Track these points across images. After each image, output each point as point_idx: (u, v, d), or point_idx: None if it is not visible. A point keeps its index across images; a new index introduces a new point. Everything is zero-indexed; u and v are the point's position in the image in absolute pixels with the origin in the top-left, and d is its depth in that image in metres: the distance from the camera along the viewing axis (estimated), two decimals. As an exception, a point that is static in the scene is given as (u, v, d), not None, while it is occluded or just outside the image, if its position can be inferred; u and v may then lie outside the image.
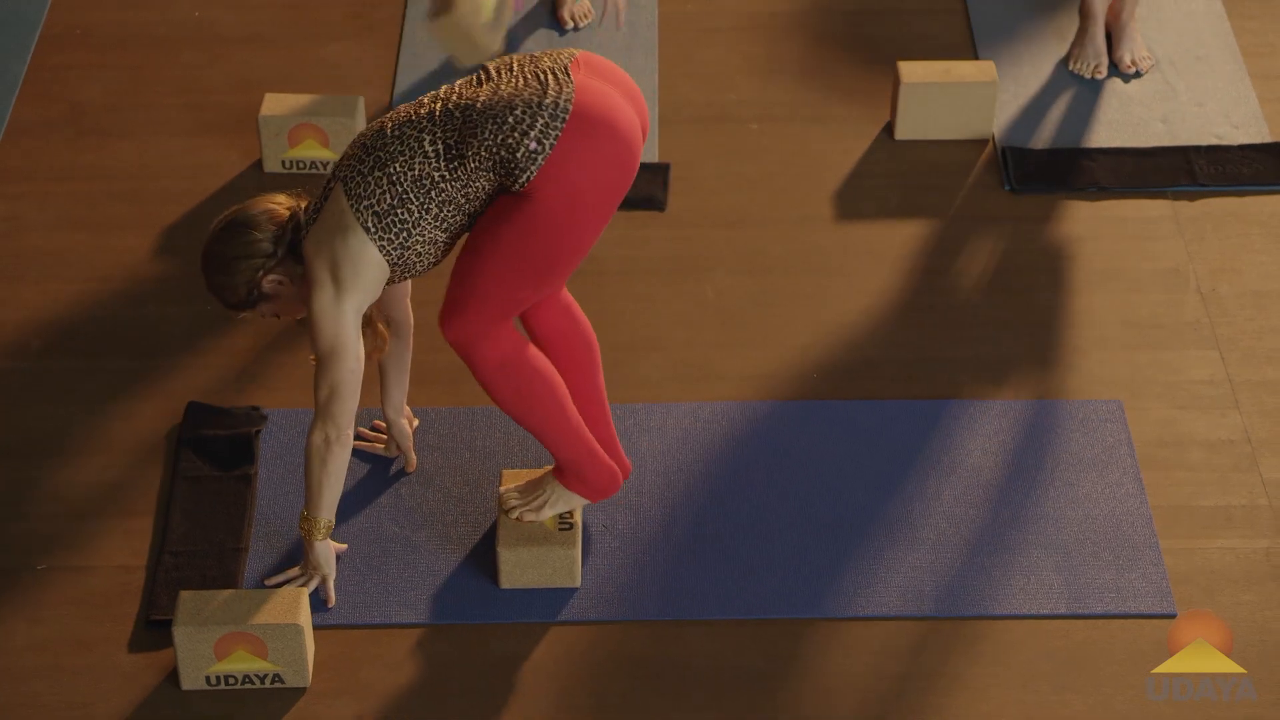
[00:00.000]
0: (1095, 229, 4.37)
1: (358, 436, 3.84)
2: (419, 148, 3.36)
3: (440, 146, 3.36)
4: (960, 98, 4.55)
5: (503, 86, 3.37)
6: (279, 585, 3.58)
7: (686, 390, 4.00)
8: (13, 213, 4.42)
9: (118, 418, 3.93)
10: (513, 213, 3.37)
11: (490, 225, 3.40)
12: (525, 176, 3.32)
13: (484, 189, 3.38)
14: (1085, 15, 4.75)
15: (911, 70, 4.57)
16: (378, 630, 3.56)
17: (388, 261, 3.40)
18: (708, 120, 4.68)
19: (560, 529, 3.62)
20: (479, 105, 3.35)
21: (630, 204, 4.43)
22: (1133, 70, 4.77)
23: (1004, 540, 3.70)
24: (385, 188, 3.37)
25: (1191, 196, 4.45)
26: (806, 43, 4.89)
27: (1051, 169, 4.51)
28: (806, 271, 4.29)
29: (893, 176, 4.52)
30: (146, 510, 3.76)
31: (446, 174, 3.36)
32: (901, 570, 3.66)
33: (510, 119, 3.32)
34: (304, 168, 4.49)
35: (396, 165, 3.36)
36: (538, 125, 3.31)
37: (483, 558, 3.67)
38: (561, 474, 3.63)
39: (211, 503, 3.75)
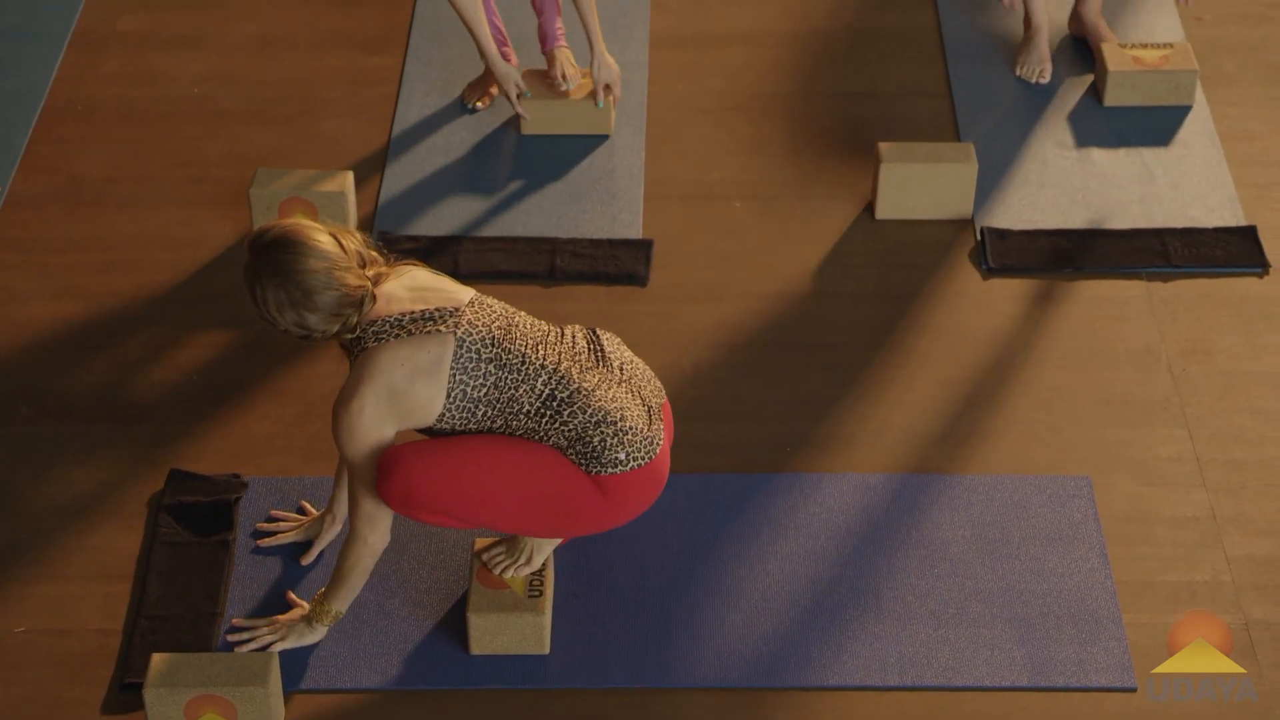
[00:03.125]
0: (1070, 308, 4.44)
1: (271, 519, 3.94)
2: (533, 380, 3.52)
3: (545, 394, 3.53)
4: (940, 179, 4.63)
5: (614, 388, 3.57)
6: (244, 639, 3.66)
7: (661, 462, 4.07)
8: (8, 282, 4.52)
9: (101, 483, 4.01)
10: (564, 473, 3.54)
11: (531, 458, 3.53)
12: (597, 470, 3.54)
13: (553, 444, 3.55)
14: (1028, 25, 5.04)
15: (892, 151, 4.65)
16: (348, 695, 3.62)
17: (434, 420, 3.52)
18: (692, 198, 4.77)
19: (530, 595, 3.68)
20: (595, 393, 3.54)
21: (612, 279, 4.51)
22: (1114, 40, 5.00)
23: (968, 613, 3.75)
24: (489, 384, 3.51)
25: (1165, 277, 4.52)
26: (791, 123, 4.98)
27: (1028, 249, 4.58)
28: (784, 347, 4.36)
29: (872, 255, 4.60)
30: (126, 575, 3.83)
31: (535, 418, 3.54)
32: (866, 640, 3.71)
33: (615, 426, 3.53)
34: (294, 241, 4.58)
35: (509, 376, 3.51)
36: (631, 446, 3.54)
37: (454, 624, 3.73)
38: None
39: (189, 568, 3.82)
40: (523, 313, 3.63)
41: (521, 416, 3.53)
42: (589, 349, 3.61)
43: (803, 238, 4.65)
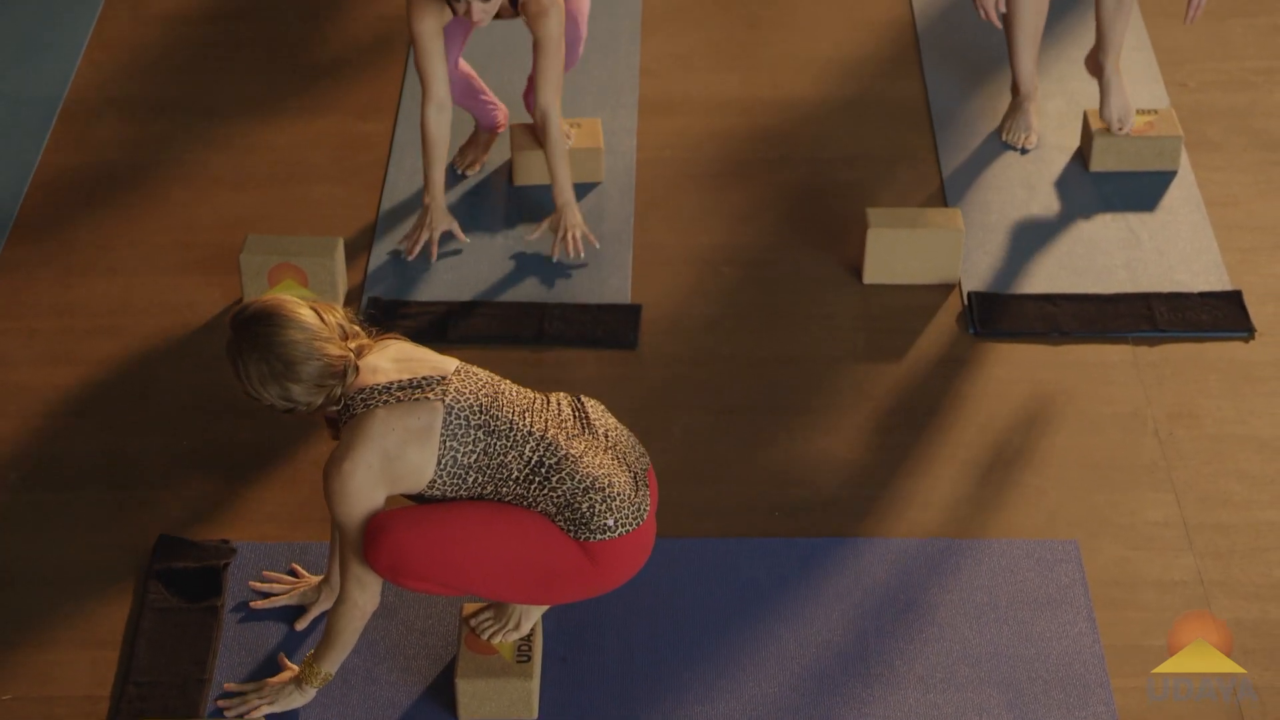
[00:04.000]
0: (1057, 373, 4.46)
1: (265, 580, 3.94)
2: (521, 447, 3.54)
3: (534, 461, 3.54)
4: (927, 244, 4.65)
5: (601, 457, 3.58)
6: (234, 705, 3.66)
7: (650, 527, 4.07)
8: (-2, 348, 4.55)
9: (90, 549, 4.01)
10: (551, 540, 3.54)
11: (518, 527, 3.54)
12: (585, 536, 3.54)
13: (542, 510, 3.55)
14: (1015, 91, 5.05)
15: (880, 216, 4.68)
16: (336, 761, 3.61)
17: (424, 486, 3.53)
18: (680, 263, 4.79)
19: (518, 660, 3.68)
20: (582, 461, 3.55)
21: (601, 343, 4.53)
22: (1122, 130, 4.91)
23: (956, 677, 3.75)
24: (479, 450, 3.52)
25: (1152, 342, 4.54)
26: (779, 189, 5.01)
27: (1015, 314, 4.60)
28: (772, 411, 4.37)
29: (860, 319, 4.62)
30: (114, 641, 3.82)
31: (524, 485, 3.55)
32: (854, 705, 3.71)
33: (602, 493, 3.54)
34: (284, 306, 4.60)
35: (498, 443, 3.53)
36: (620, 513, 3.55)
37: (442, 690, 3.72)
38: None
39: (177, 634, 3.81)
40: (507, 381, 3.65)
41: (510, 483, 3.54)
42: (574, 416, 3.63)
43: (791, 302, 4.67)
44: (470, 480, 3.53)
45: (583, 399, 3.68)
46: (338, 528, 3.57)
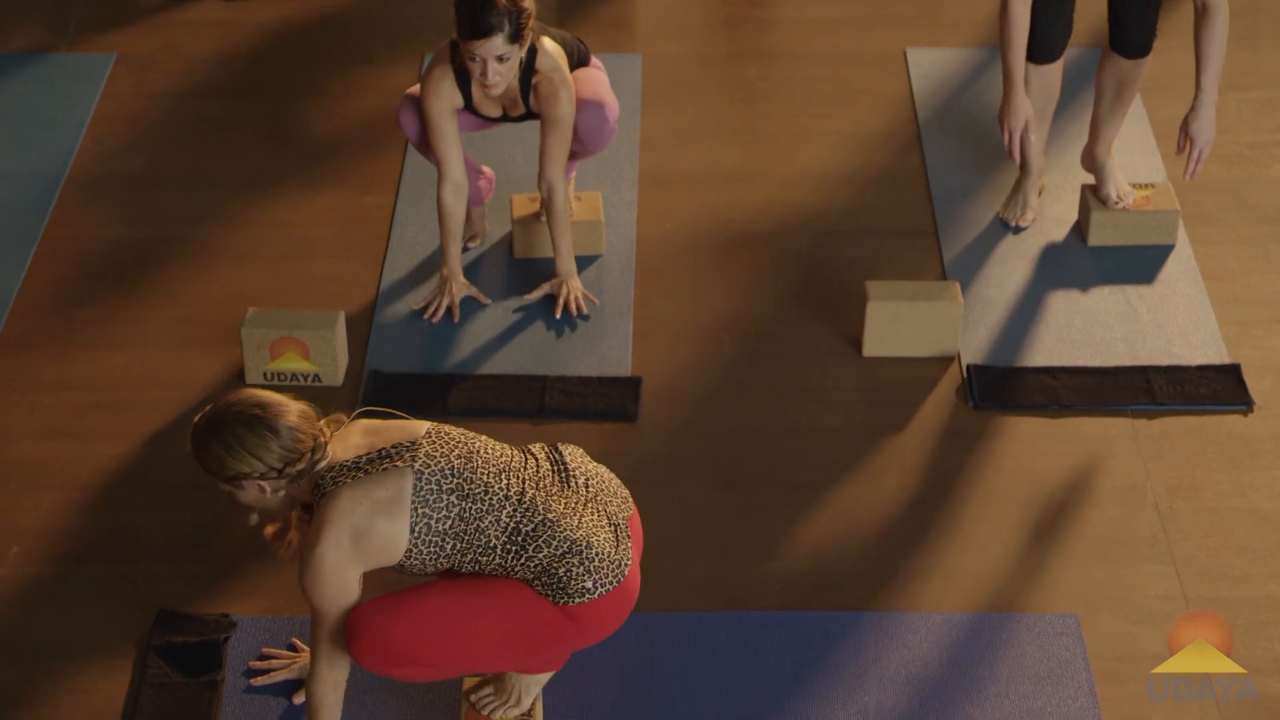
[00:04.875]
0: (1056, 445, 4.47)
1: (264, 657, 3.93)
2: (498, 511, 3.53)
3: (512, 528, 3.53)
4: (926, 317, 4.67)
5: (581, 514, 3.57)
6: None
7: (650, 600, 4.06)
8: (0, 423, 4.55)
9: (89, 624, 4.01)
10: (530, 606, 3.53)
11: (497, 598, 3.53)
12: (565, 601, 3.53)
13: (521, 577, 3.55)
14: (1022, 169, 5.06)
15: (879, 290, 4.70)
16: (335, 837, 3.60)
17: (402, 563, 3.53)
18: (680, 335, 4.81)
19: (518, 737, 3.68)
20: (560, 523, 3.54)
21: (601, 416, 4.54)
22: (1120, 205, 4.96)
23: (957, 753, 3.75)
24: (453, 516, 3.51)
25: (1150, 415, 4.55)
26: (778, 261, 5.03)
27: (1014, 386, 4.61)
28: (772, 483, 4.38)
29: (859, 392, 4.63)
30: (113, 716, 3.81)
31: (501, 552, 3.54)
32: (855, 782, 3.70)
33: (580, 555, 3.53)
34: (285, 380, 4.61)
35: (473, 507, 3.51)
36: (598, 573, 3.53)
37: (442, 766, 3.72)
38: None
39: (177, 709, 3.81)
40: (483, 438, 3.63)
41: (490, 552, 3.53)
42: (553, 470, 3.61)
43: (790, 375, 4.69)
44: (448, 548, 3.52)
45: (561, 448, 3.67)
46: (312, 610, 3.54)
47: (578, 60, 4.77)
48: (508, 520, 3.52)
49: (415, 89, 4.78)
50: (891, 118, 5.57)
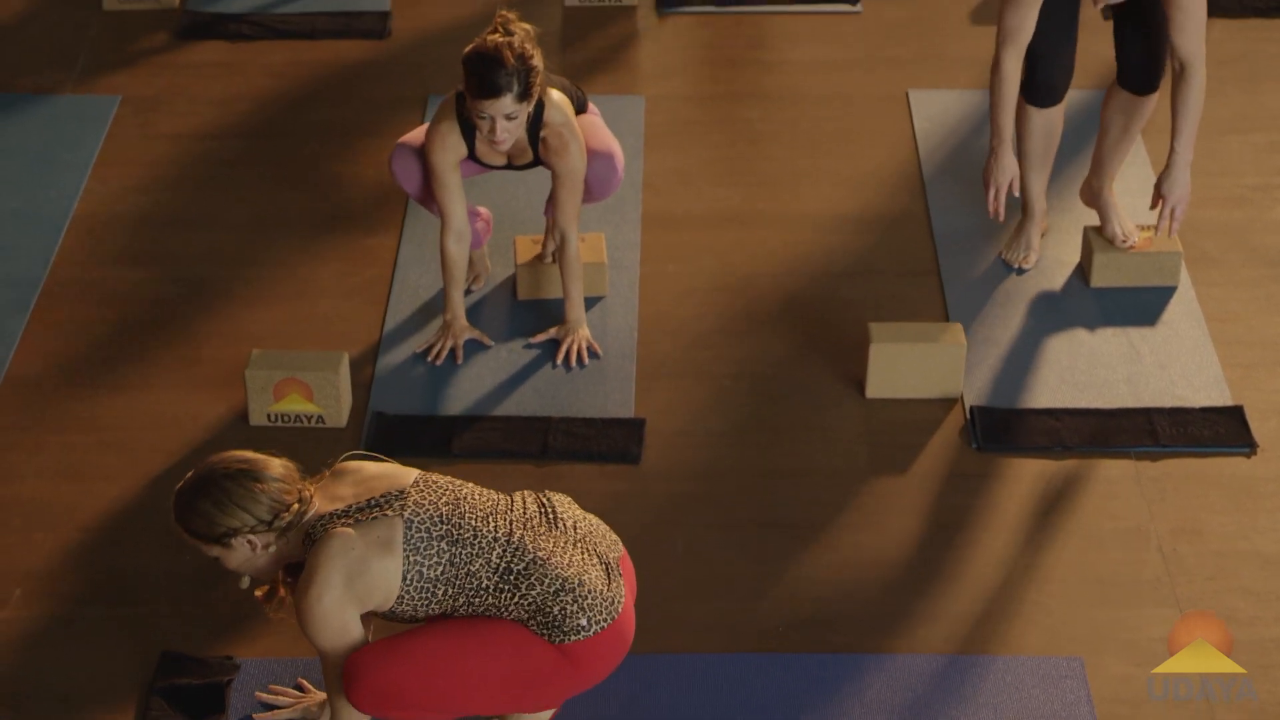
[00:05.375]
0: (1059, 487, 4.47)
1: (271, 692, 3.93)
2: (485, 557, 3.54)
3: (503, 568, 3.54)
4: (929, 359, 4.68)
5: (571, 552, 3.58)
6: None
7: (652, 641, 4.06)
8: (3, 462, 4.54)
9: (91, 665, 4.01)
10: (527, 648, 3.54)
11: (492, 639, 3.53)
12: (560, 639, 3.54)
13: (515, 617, 3.55)
14: (1025, 211, 5.07)
15: (882, 331, 4.70)
16: None
17: (394, 606, 3.55)
18: (684, 376, 4.81)
19: (521, 781, 3.67)
20: (551, 562, 3.55)
21: (605, 457, 4.54)
22: (1126, 243, 4.95)
23: (961, 796, 3.74)
24: (443, 563, 3.53)
25: (1154, 457, 4.55)
26: (781, 303, 5.04)
27: (1018, 428, 4.62)
28: (775, 526, 4.38)
29: (862, 434, 4.63)
30: (116, 758, 3.82)
31: (494, 593, 3.54)
32: (859, 826, 3.69)
33: (573, 594, 3.54)
34: (288, 421, 4.62)
35: (462, 553, 3.53)
36: (591, 610, 3.55)
37: (445, 809, 3.71)
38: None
39: (180, 751, 3.81)
40: (470, 484, 3.65)
41: (481, 593, 3.54)
42: (540, 513, 3.62)
43: (793, 416, 4.69)
44: (440, 593, 3.53)
45: (548, 494, 3.68)
46: (320, 656, 3.57)
47: (577, 108, 4.79)
48: (498, 561, 3.53)
49: (407, 138, 4.80)
50: (894, 159, 5.59)
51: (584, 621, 3.53)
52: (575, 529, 3.63)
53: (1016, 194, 4.90)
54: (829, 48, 6.10)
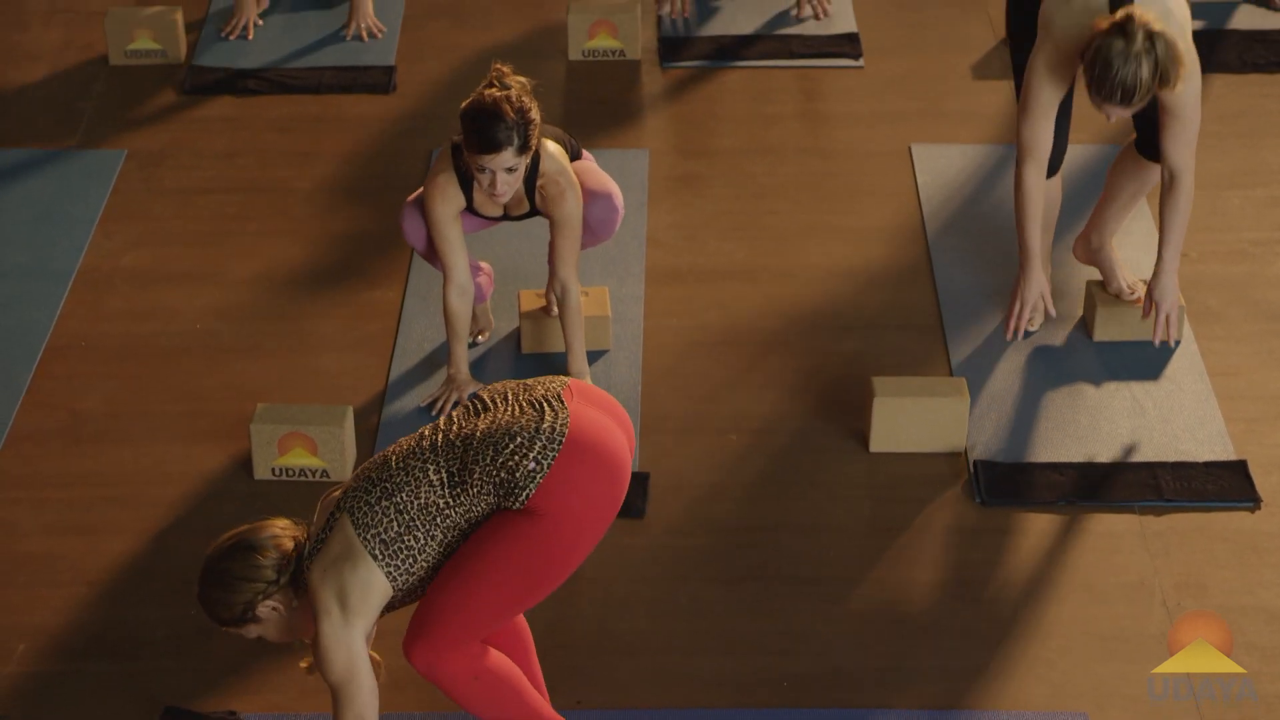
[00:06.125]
0: (1063, 541, 4.46)
1: None
2: (424, 477, 3.54)
3: (444, 475, 3.54)
4: (933, 413, 4.68)
5: (500, 415, 3.56)
6: None
7: (658, 696, 4.06)
8: (8, 517, 4.55)
9: (96, 720, 4.01)
10: (508, 531, 3.53)
11: (482, 547, 3.55)
12: (525, 494, 3.51)
13: (485, 511, 3.55)
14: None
15: (885, 385, 4.71)
16: None
17: (393, 586, 3.56)
18: (687, 430, 4.82)
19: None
20: (479, 434, 3.55)
21: (609, 513, 4.54)
22: (1133, 295, 4.97)
23: None
24: (392, 516, 3.53)
25: (1158, 511, 4.55)
26: (784, 356, 5.05)
27: (1021, 482, 4.62)
28: (779, 580, 4.37)
29: (866, 488, 4.63)
30: (119, 814, 3.81)
31: (450, 500, 3.54)
32: None
33: (510, 445, 3.51)
34: (293, 475, 4.62)
35: (403, 495, 3.54)
36: (535, 447, 3.51)
37: None
38: None
39: (183, 807, 3.80)
40: (400, 440, 3.67)
41: (446, 512, 3.54)
42: (467, 411, 3.63)
43: (797, 470, 4.69)
44: (414, 542, 3.54)
45: (482, 390, 3.69)
46: (332, 692, 3.57)
47: (571, 155, 4.81)
48: (435, 477, 3.54)
49: (414, 196, 4.82)
50: (897, 213, 5.60)
51: (531, 465, 3.50)
52: (506, 399, 3.62)
53: (1054, 313, 4.88)
54: (832, 103, 6.13)
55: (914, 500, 4.59)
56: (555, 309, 4.98)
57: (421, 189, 4.83)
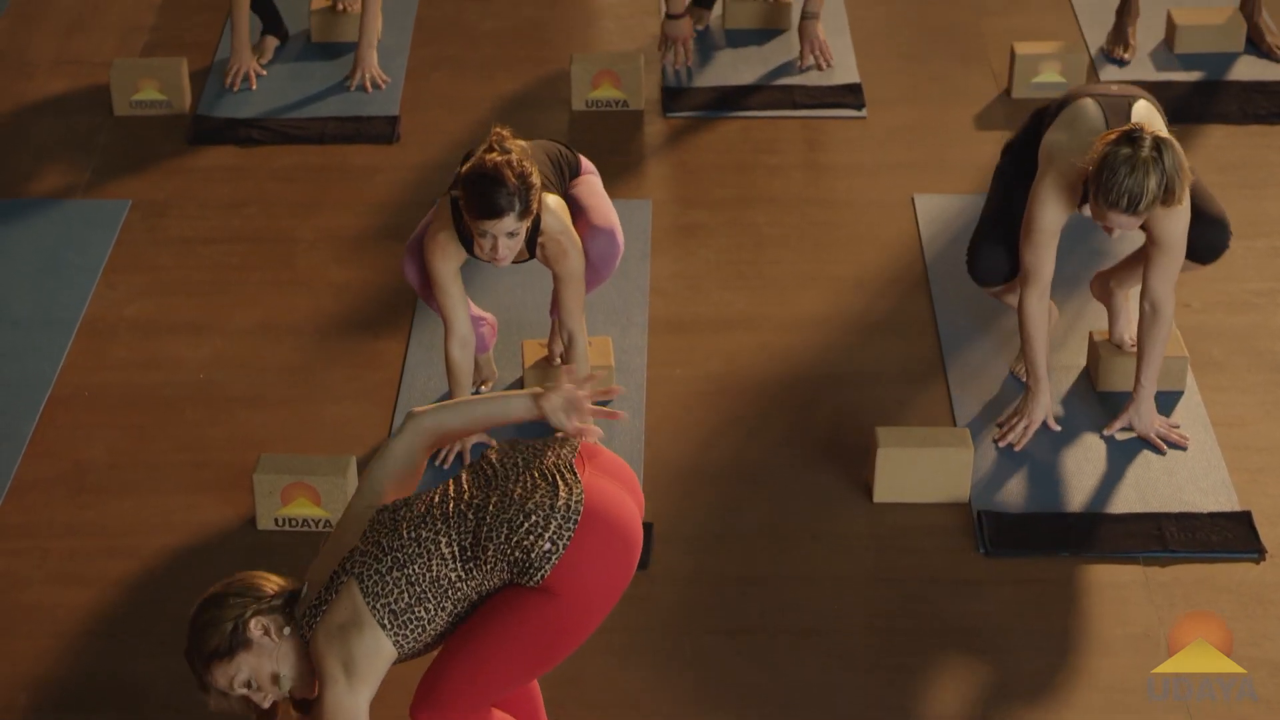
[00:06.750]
0: (1067, 592, 4.46)
1: None
2: (435, 550, 3.54)
3: (455, 548, 3.53)
4: (937, 463, 4.68)
5: (512, 488, 3.56)
6: None
7: (661, 750, 4.06)
8: (11, 568, 4.54)
9: (98, 773, 4.00)
10: (522, 606, 3.53)
11: (495, 620, 3.54)
12: (540, 574, 3.51)
13: (497, 585, 3.55)
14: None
15: (889, 435, 4.71)
16: None
17: (399, 653, 3.56)
18: (691, 480, 4.82)
19: None
20: (491, 508, 3.54)
21: (612, 564, 4.53)
22: (1132, 346, 4.96)
23: None
24: (404, 587, 3.53)
25: (1162, 562, 4.54)
26: (787, 406, 5.05)
27: (1025, 533, 4.61)
28: (783, 631, 4.36)
29: (869, 538, 4.63)
30: None
31: (463, 574, 3.54)
32: None
33: (525, 524, 3.51)
34: (296, 525, 4.62)
35: (415, 566, 3.53)
36: (551, 527, 3.51)
37: None
38: None
39: None
40: (424, 493, 3.66)
41: (458, 584, 3.53)
42: (475, 479, 3.61)
43: (801, 520, 4.69)
44: (424, 614, 3.53)
45: (488, 452, 3.68)
46: None
47: (571, 173, 4.81)
48: (447, 550, 3.53)
49: (415, 236, 4.82)
50: (900, 263, 5.61)
51: (547, 546, 3.49)
52: (516, 466, 3.60)
53: (1057, 429, 4.87)
54: (834, 153, 6.15)
55: (918, 550, 4.58)
56: (558, 359, 4.99)
57: (416, 230, 4.83)
